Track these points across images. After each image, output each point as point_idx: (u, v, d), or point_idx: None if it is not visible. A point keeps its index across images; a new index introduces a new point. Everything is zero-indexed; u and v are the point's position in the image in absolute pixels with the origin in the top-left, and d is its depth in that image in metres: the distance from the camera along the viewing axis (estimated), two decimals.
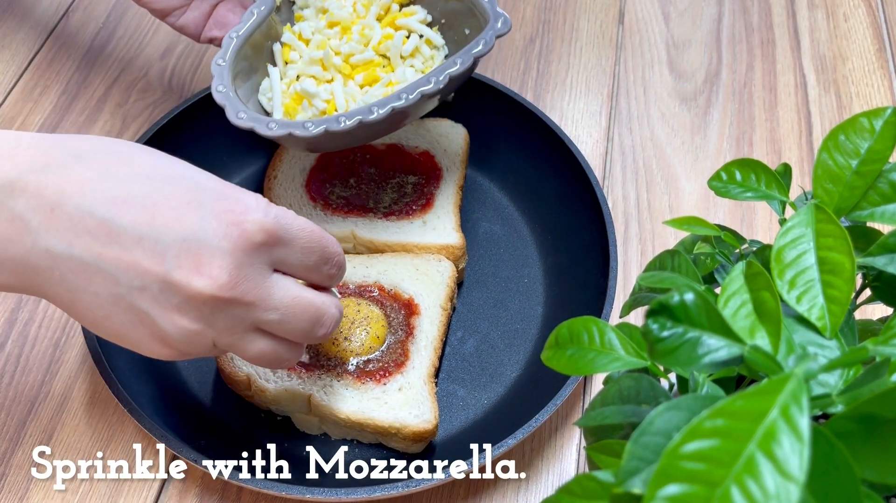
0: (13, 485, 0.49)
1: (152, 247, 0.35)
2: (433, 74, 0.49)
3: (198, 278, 0.35)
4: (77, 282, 0.35)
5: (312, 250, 0.38)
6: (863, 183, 0.31)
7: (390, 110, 0.48)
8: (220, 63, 0.52)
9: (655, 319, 0.24)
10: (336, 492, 0.44)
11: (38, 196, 0.34)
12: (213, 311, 0.36)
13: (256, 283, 0.36)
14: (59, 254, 0.35)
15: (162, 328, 0.36)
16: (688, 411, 0.22)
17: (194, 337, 0.37)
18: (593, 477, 0.24)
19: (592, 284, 0.54)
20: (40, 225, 0.34)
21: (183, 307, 0.35)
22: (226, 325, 0.37)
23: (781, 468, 0.19)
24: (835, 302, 0.27)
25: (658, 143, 0.68)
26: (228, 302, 0.36)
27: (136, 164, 0.36)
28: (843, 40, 0.75)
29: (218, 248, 0.35)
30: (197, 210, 0.35)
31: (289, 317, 0.38)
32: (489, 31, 0.51)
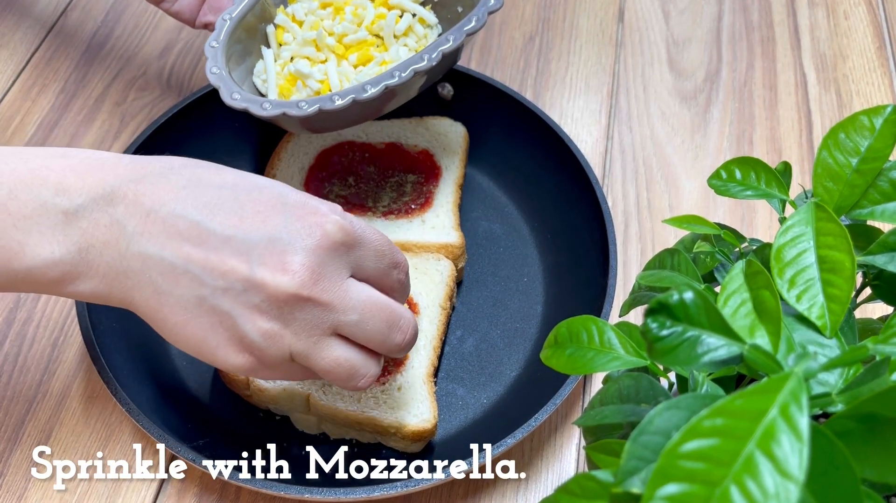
0: (11, 485, 0.49)
1: (239, 247, 0.36)
2: (426, 52, 0.50)
3: (281, 275, 0.36)
4: (164, 284, 0.37)
5: (384, 254, 0.40)
6: (863, 181, 0.31)
7: (383, 88, 0.48)
8: (213, 45, 0.52)
9: (655, 318, 0.24)
10: (335, 491, 0.44)
11: (135, 203, 0.36)
12: (293, 310, 0.37)
13: (335, 283, 0.37)
14: (151, 257, 0.36)
15: (241, 328, 0.37)
16: (687, 410, 0.22)
17: (272, 338, 0.37)
18: (592, 476, 0.24)
19: (592, 283, 0.53)
20: (135, 229, 0.36)
21: (264, 306, 0.37)
22: (303, 326, 0.37)
23: (781, 467, 0.18)
24: (835, 300, 0.27)
25: (658, 142, 0.68)
26: (308, 300, 0.37)
27: (225, 175, 0.39)
28: (843, 38, 0.75)
29: (301, 247, 0.37)
30: (281, 214, 0.37)
31: (366, 317, 0.38)
32: (481, 8, 0.51)
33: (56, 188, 0.36)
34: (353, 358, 0.39)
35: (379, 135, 0.62)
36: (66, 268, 0.36)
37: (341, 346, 0.39)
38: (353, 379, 0.39)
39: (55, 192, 0.36)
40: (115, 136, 0.67)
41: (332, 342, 0.38)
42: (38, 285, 0.37)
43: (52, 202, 0.36)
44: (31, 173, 0.36)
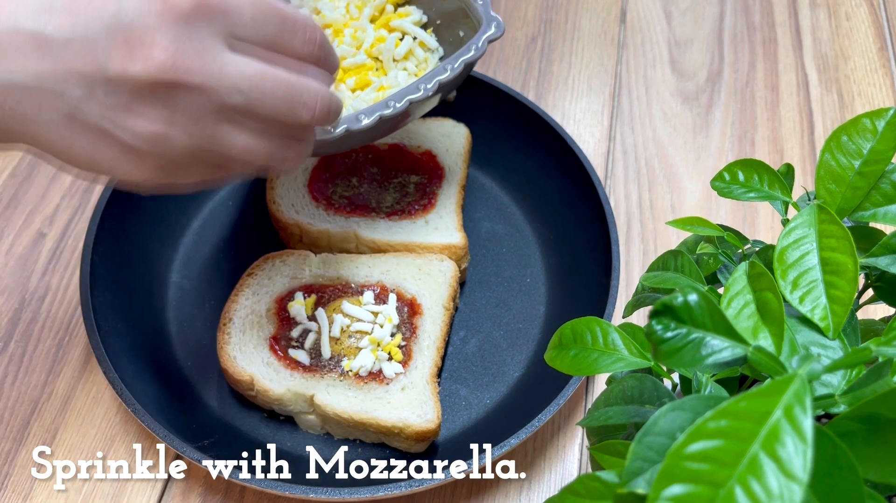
0: (17, 485, 0.49)
1: (81, 45, 0.32)
2: (422, 81, 0.49)
3: (133, 62, 0.32)
4: (29, 111, 0.33)
5: (266, 18, 0.35)
6: (865, 183, 0.31)
7: (377, 119, 0.48)
8: None
9: (659, 320, 0.24)
10: (339, 491, 0.44)
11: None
12: (166, 101, 0.33)
13: (202, 60, 0.33)
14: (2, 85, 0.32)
15: (122, 137, 0.33)
16: (692, 412, 0.23)
17: (161, 140, 0.33)
18: (597, 477, 0.24)
19: (594, 284, 0.54)
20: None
21: (134, 105, 0.33)
22: (186, 117, 0.33)
23: (785, 468, 0.19)
24: (838, 302, 0.28)
25: (660, 143, 0.68)
26: (175, 85, 0.33)
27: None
28: (844, 39, 0.75)
29: (145, 27, 0.32)
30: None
31: (255, 96, 0.34)
32: (481, 36, 0.50)
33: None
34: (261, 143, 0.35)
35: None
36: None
37: (241, 134, 0.35)
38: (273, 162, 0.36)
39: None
40: None
41: (229, 130, 0.34)
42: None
43: None
44: None
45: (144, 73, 0.32)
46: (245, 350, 0.51)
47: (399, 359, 0.50)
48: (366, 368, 0.49)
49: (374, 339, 0.50)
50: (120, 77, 0.32)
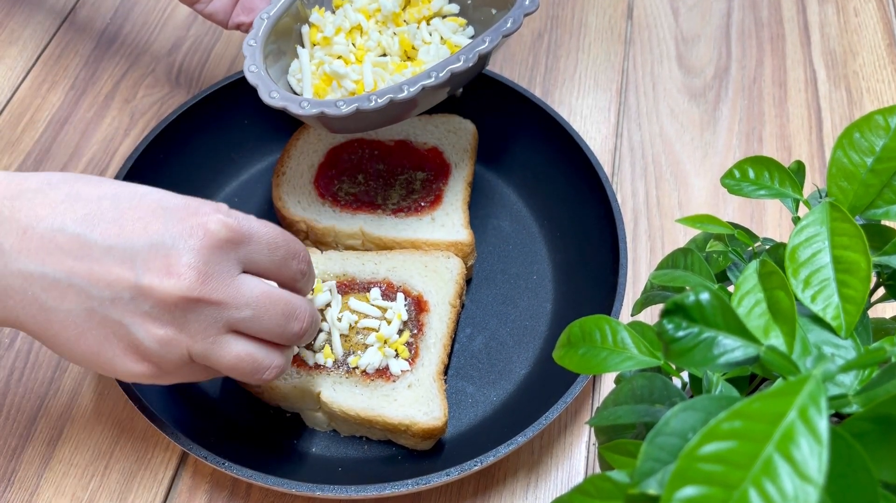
0: (24, 482, 0.49)
1: (122, 255, 0.36)
2: (463, 52, 0.49)
3: (167, 279, 0.36)
4: (50, 300, 0.36)
5: (278, 246, 0.40)
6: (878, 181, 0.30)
7: (420, 88, 0.48)
8: (251, 44, 0.52)
9: (671, 319, 0.24)
10: (345, 488, 0.44)
11: (10, 220, 0.36)
12: (185, 313, 0.36)
13: (224, 281, 0.37)
14: (32, 274, 0.36)
15: (135, 337, 0.37)
16: (704, 412, 0.22)
17: (168, 344, 0.37)
18: (608, 477, 0.24)
19: (602, 281, 0.53)
20: (13, 247, 0.35)
21: (154, 312, 0.36)
22: (198, 328, 0.37)
23: (800, 470, 0.18)
24: (850, 301, 0.27)
25: (667, 139, 0.67)
26: (198, 301, 0.36)
27: (104, 186, 0.38)
28: (853, 35, 0.75)
29: (185, 248, 0.36)
30: (162, 218, 0.37)
31: (261, 312, 0.38)
32: (517, 10, 0.51)
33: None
34: (253, 352, 0.39)
35: (388, 132, 0.62)
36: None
37: (239, 342, 0.38)
38: (257, 372, 0.40)
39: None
40: (124, 133, 0.67)
41: (230, 339, 0.38)
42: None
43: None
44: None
45: (175, 290, 0.36)
46: None
47: (406, 356, 0.50)
48: (373, 365, 0.49)
49: (381, 337, 0.50)
50: (149, 290, 0.36)
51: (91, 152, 0.65)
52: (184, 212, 0.37)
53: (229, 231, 0.37)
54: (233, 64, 0.72)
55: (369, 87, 0.52)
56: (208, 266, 0.37)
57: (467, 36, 0.56)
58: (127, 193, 0.38)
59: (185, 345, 0.37)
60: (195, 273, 0.36)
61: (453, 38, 0.55)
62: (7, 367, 0.53)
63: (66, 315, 0.36)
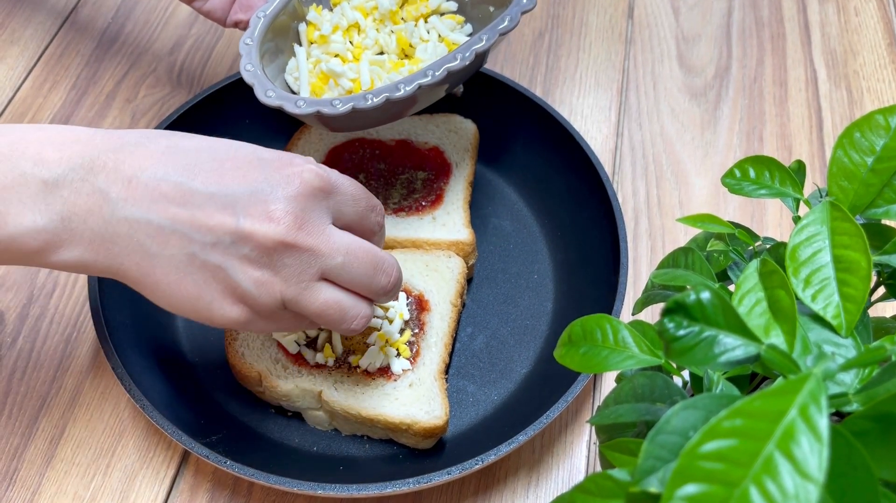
0: (25, 480, 0.49)
1: (223, 201, 0.38)
2: (459, 51, 0.49)
3: (267, 223, 0.38)
4: (153, 246, 0.38)
5: (360, 198, 0.42)
6: (878, 180, 0.30)
7: (417, 87, 0.48)
8: (247, 42, 0.53)
9: (671, 318, 0.24)
10: (347, 487, 0.44)
11: (115, 170, 0.37)
12: (281, 257, 0.38)
13: (319, 229, 0.39)
14: (137, 220, 0.37)
15: (234, 280, 0.38)
16: (705, 410, 0.22)
17: (263, 286, 0.38)
18: (609, 475, 0.24)
19: (602, 280, 0.53)
20: (119, 195, 0.37)
21: (253, 255, 0.38)
22: (292, 272, 0.39)
23: (800, 468, 0.19)
24: (850, 300, 0.27)
25: (668, 139, 0.68)
26: (293, 246, 0.38)
27: (200, 140, 0.40)
28: (853, 35, 0.75)
29: (283, 196, 0.38)
30: (259, 168, 0.39)
31: (351, 260, 0.40)
32: (514, 8, 0.51)
33: (35, 159, 0.37)
34: (342, 299, 0.40)
35: (389, 131, 0.62)
36: (49, 236, 0.37)
37: (330, 289, 0.40)
38: (344, 320, 0.41)
39: (34, 163, 0.37)
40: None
41: (321, 286, 0.40)
42: (21, 255, 0.37)
43: (32, 172, 0.37)
44: (9, 146, 0.37)
45: (274, 234, 0.38)
46: (253, 346, 0.51)
47: (407, 355, 0.50)
48: (374, 365, 0.49)
49: (382, 336, 0.50)
50: (250, 234, 0.38)
51: None
52: (279, 162, 0.39)
53: (322, 181, 0.39)
54: (234, 63, 0.72)
55: (366, 86, 0.52)
56: (304, 213, 0.38)
57: (465, 34, 0.56)
58: (223, 145, 0.40)
59: (278, 288, 0.39)
60: (292, 218, 0.38)
61: (451, 35, 0.55)
62: (9, 366, 0.54)
63: (169, 260, 0.38)
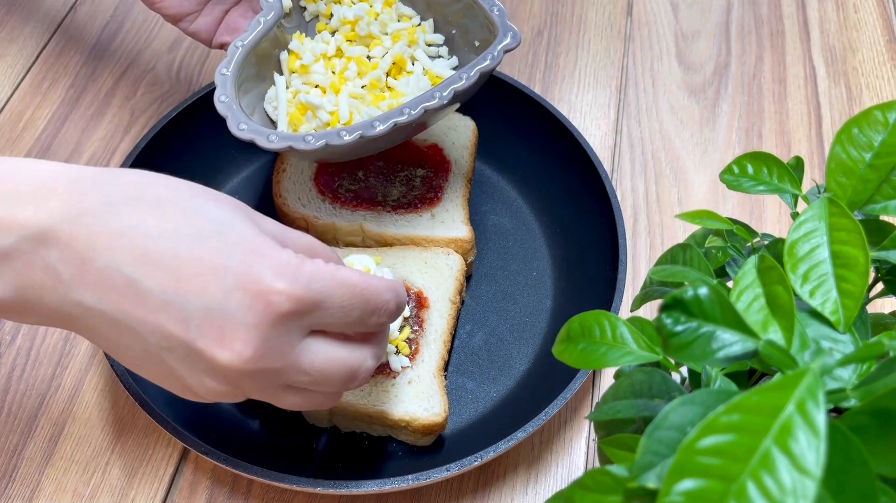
0: (25, 478, 0.49)
1: (177, 313, 0.34)
2: (438, 90, 0.49)
3: (221, 351, 0.34)
4: (109, 334, 0.36)
5: (352, 307, 0.36)
6: (876, 176, 0.30)
7: (392, 125, 0.48)
8: (223, 72, 0.52)
9: (669, 314, 0.24)
10: (346, 484, 0.44)
11: (69, 247, 0.34)
12: (241, 378, 0.36)
13: (283, 353, 0.35)
14: (90, 307, 0.35)
15: (192, 386, 0.36)
16: (702, 406, 0.22)
17: (224, 395, 0.37)
18: (607, 471, 0.24)
19: (601, 277, 0.53)
20: (72, 278, 0.34)
21: (209, 372, 0.35)
22: (255, 388, 0.36)
23: (798, 463, 0.19)
24: (848, 296, 0.27)
25: (667, 136, 0.68)
26: (253, 373, 0.35)
27: (166, 217, 0.35)
28: (852, 32, 0.75)
29: (242, 322, 0.34)
30: (221, 279, 0.34)
31: (319, 379, 0.37)
32: (496, 46, 0.50)
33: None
34: (310, 400, 0.39)
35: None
36: (8, 304, 0.35)
37: (296, 395, 0.38)
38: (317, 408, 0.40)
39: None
40: (125, 130, 0.67)
41: (287, 393, 0.38)
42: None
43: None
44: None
45: (227, 362, 0.34)
46: None
47: (406, 352, 0.50)
48: None
49: None
50: (204, 354, 0.34)
51: (91, 150, 0.66)
52: (246, 276, 0.34)
53: (294, 303, 0.34)
54: None
55: (344, 120, 0.51)
56: (266, 342, 0.34)
57: (451, 66, 0.56)
58: (190, 232, 0.35)
59: (241, 394, 0.37)
60: (251, 350, 0.34)
61: (434, 68, 0.55)
62: (8, 365, 0.54)
63: (126, 349, 0.36)
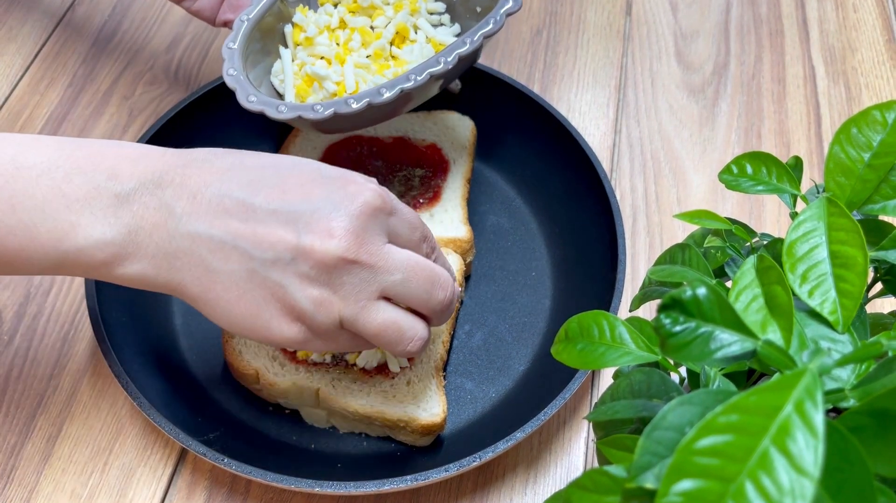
0: (23, 478, 0.49)
1: (285, 218, 0.38)
2: (442, 55, 0.50)
3: (328, 240, 0.38)
4: (214, 261, 0.38)
5: (416, 226, 0.42)
6: (875, 176, 0.30)
7: (399, 91, 0.48)
8: (230, 46, 0.53)
9: (668, 314, 0.24)
10: (345, 485, 0.44)
11: (182, 185, 0.38)
12: (341, 274, 0.38)
13: (377, 246, 0.39)
14: (199, 235, 0.38)
15: (292, 298, 0.38)
16: (701, 406, 0.22)
17: (322, 305, 0.39)
18: (605, 471, 0.24)
19: (600, 277, 0.53)
20: (183, 210, 0.38)
21: (312, 273, 0.38)
22: (351, 290, 0.39)
23: (796, 463, 0.18)
24: (847, 296, 0.27)
25: (666, 136, 0.67)
26: (353, 262, 0.38)
27: (263, 157, 0.41)
28: (852, 31, 0.75)
29: (345, 213, 0.38)
30: (322, 185, 0.39)
31: (409, 276, 0.40)
32: (499, 10, 0.51)
33: (109, 173, 0.38)
34: (399, 319, 0.40)
35: (387, 129, 0.62)
36: (116, 249, 0.38)
37: (388, 309, 0.40)
38: (401, 341, 0.41)
39: (108, 176, 0.38)
40: (123, 129, 0.67)
41: (379, 305, 0.40)
42: (86, 266, 0.38)
43: (105, 186, 0.38)
44: (86, 159, 0.38)
45: (334, 250, 0.38)
46: (250, 344, 0.51)
47: None
48: (371, 363, 0.49)
49: None
50: (310, 250, 0.38)
51: None
52: (341, 180, 0.40)
53: (382, 201, 0.40)
54: None
55: (351, 89, 0.52)
56: (364, 230, 0.39)
57: (453, 33, 0.56)
58: (287, 162, 0.41)
59: (337, 307, 0.39)
60: (353, 236, 0.38)
61: (437, 36, 0.55)
62: (6, 365, 0.54)
63: (229, 276, 0.38)
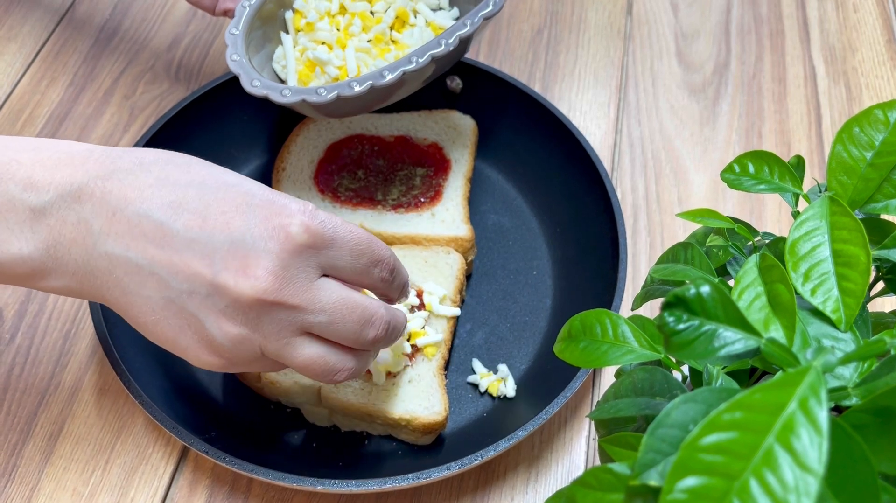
0: (24, 477, 0.49)
1: (202, 249, 0.36)
2: (443, 37, 0.50)
3: (244, 280, 0.35)
4: (131, 285, 0.36)
5: (361, 253, 0.39)
6: (877, 175, 0.31)
7: (401, 73, 0.49)
8: (233, 32, 0.53)
9: (671, 312, 0.24)
10: (346, 483, 0.44)
11: (101, 201, 0.36)
12: (259, 314, 0.36)
13: (302, 286, 0.37)
14: (117, 257, 0.36)
15: (209, 333, 0.37)
16: (704, 404, 0.23)
17: (241, 342, 0.37)
18: (609, 469, 0.24)
19: (601, 276, 0.53)
20: (101, 228, 0.36)
21: (229, 311, 0.36)
22: (272, 329, 0.37)
23: (800, 461, 0.19)
24: (850, 294, 0.27)
25: (667, 135, 0.68)
26: (273, 304, 0.36)
27: (193, 172, 0.37)
28: (852, 31, 0.75)
29: (264, 251, 0.36)
30: (245, 215, 0.36)
31: (336, 318, 0.37)
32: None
33: (24, 183, 0.36)
34: (325, 355, 0.38)
35: (388, 128, 0.62)
36: (35, 264, 0.36)
37: (313, 345, 0.38)
38: (328, 374, 0.39)
39: (23, 187, 0.36)
40: (124, 129, 0.67)
41: (304, 341, 0.38)
42: (9, 278, 0.37)
43: (20, 198, 0.36)
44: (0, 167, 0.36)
45: (251, 291, 0.36)
46: None
47: (407, 351, 0.50)
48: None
49: None
50: (226, 287, 0.36)
51: None
52: (268, 210, 0.37)
53: (311, 236, 0.37)
54: None
55: (352, 73, 0.52)
56: (286, 271, 0.36)
57: (452, 17, 0.56)
58: (215, 182, 0.37)
59: (257, 343, 0.37)
60: (272, 277, 0.36)
61: (437, 20, 0.55)
62: (7, 363, 0.54)
63: (146, 300, 0.37)
